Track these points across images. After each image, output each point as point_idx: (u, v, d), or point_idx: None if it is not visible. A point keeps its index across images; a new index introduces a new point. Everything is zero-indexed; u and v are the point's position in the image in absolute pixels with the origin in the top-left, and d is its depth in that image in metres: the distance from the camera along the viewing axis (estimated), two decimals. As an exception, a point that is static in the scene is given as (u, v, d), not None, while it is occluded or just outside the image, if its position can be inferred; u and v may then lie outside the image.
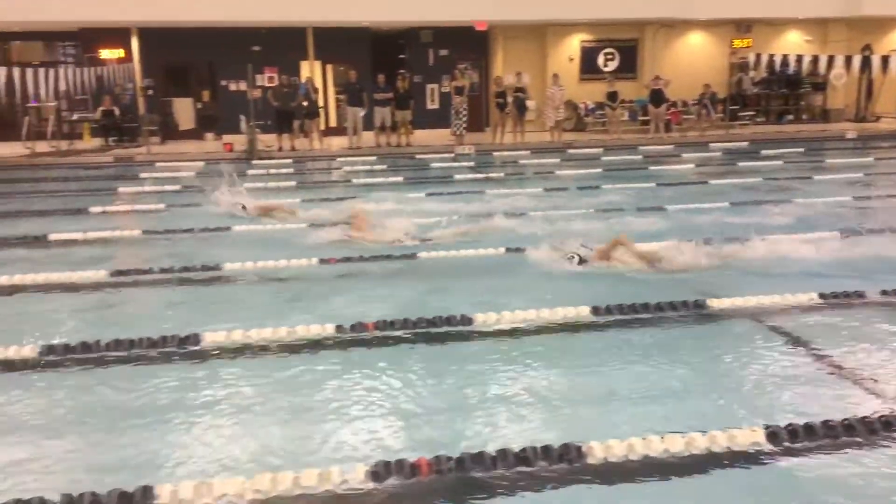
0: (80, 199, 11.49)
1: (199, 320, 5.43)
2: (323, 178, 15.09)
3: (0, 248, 8.09)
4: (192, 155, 17.26)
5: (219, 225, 8.96)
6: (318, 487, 3.14)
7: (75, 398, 4.31)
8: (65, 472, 3.44)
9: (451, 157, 16.67)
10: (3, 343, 4.89)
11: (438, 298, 5.95)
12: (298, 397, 4.23)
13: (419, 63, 22.13)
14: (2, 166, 15.90)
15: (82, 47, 20.68)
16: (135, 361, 4.76)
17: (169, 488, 3.07)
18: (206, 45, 19.93)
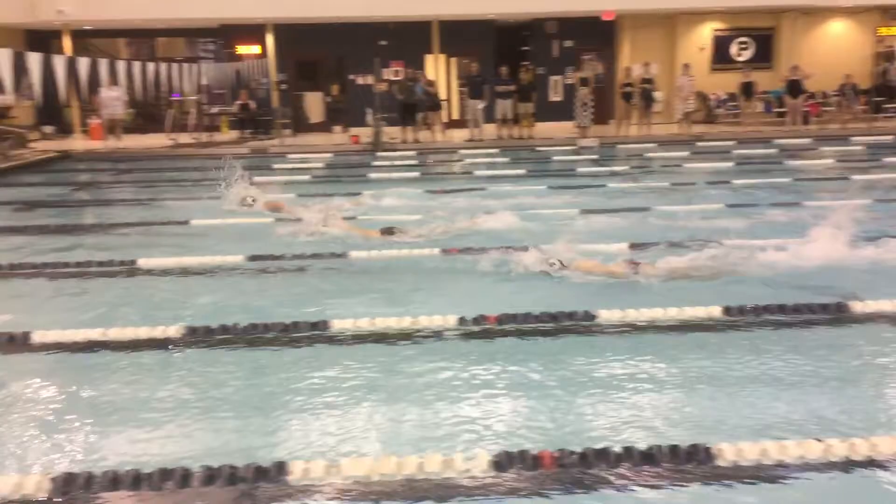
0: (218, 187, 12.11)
1: (328, 306, 5.63)
2: (444, 169, 15.26)
3: (147, 232, 8.61)
4: (321, 147, 17.85)
5: (346, 215, 9.21)
6: (441, 473, 3.20)
7: (215, 377, 4.55)
8: (205, 445, 3.65)
9: (574, 150, 16.49)
10: (150, 323, 5.22)
11: (559, 293, 5.91)
12: (421, 385, 4.31)
13: (543, 54, 21.98)
14: (148, 156, 16.95)
15: (222, 43, 21.77)
16: (268, 344, 4.99)
17: (301, 465, 3.21)
18: (335, 40, 20.54)
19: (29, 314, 5.83)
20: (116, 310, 5.81)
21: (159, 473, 3.14)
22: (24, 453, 3.65)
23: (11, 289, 6.53)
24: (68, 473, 3.17)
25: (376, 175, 13.43)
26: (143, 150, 17.64)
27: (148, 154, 17.22)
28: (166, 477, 3.13)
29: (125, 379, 4.58)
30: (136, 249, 7.49)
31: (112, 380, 4.57)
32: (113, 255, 7.16)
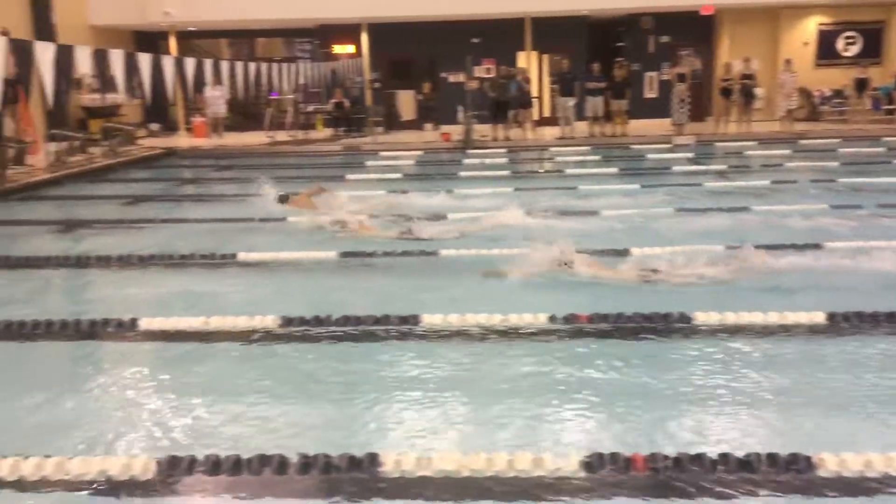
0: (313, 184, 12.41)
1: (418, 302, 5.70)
2: (535, 167, 15.18)
3: (245, 229, 8.87)
4: (413, 144, 18.03)
5: (438, 212, 9.29)
6: (531, 472, 3.20)
7: (309, 368, 4.68)
8: (301, 433, 3.75)
9: (669, 148, 16.12)
10: (249, 313, 5.39)
11: (653, 295, 5.80)
12: (511, 383, 4.31)
13: (638, 50, 21.58)
14: (247, 153, 17.51)
15: (318, 43, 22.28)
16: (360, 337, 5.08)
17: (393, 457, 3.26)
18: (428, 38, 20.71)
19: (136, 302, 6.13)
20: (217, 300, 6.04)
21: (258, 459, 3.25)
22: (130, 435, 3.84)
23: (120, 278, 6.87)
24: (172, 456, 3.31)
25: (466, 173, 13.48)
26: (243, 147, 18.24)
27: (247, 151, 17.80)
28: (265, 463, 3.24)
29: (223, 367, 4.76)
30: (236, 243, 7.75)
31: (211, 367, 4.76)
32: (215, 249, 7.44)
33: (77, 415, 4.09)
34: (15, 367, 4.85)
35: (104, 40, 17.68)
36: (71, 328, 5.24)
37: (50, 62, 9.82)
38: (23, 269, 7.14)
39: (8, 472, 3.25)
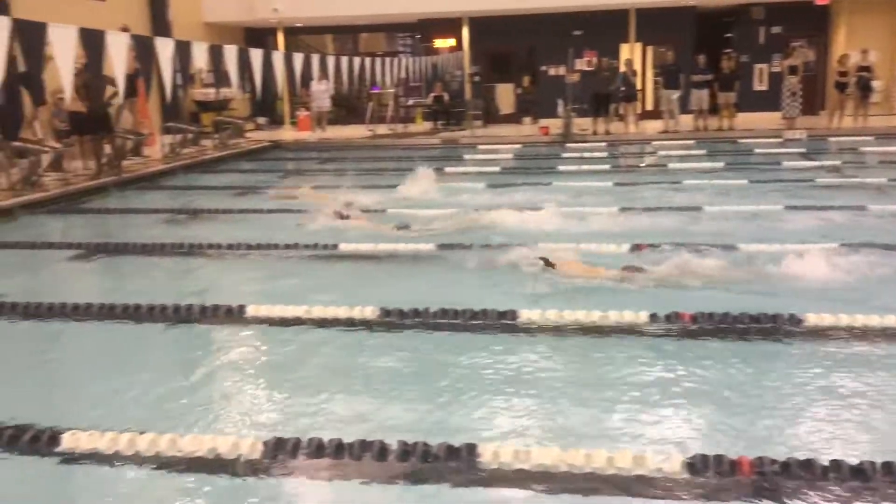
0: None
1: (515, 296, 5.68)
2: (636, 162, 14.88)
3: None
4: (511, 138, 17.98)
5: (534, 205, 9.23)
6: (631, 470, 3.15)
7: (407, 358, 4.74)
8: (399, 422, 3.81)
9: (779, 143, 15.50)
10: (348, 303, 5.51)
11: (760, 295, 5.60)
12: (610, 380, 4.25)
13: (747, 41, 20.80)
14: (349, 146, 17.87)
15: (420, 38, 22.48)
16: (458, 329, 5.11)
17: (491, 449, 3.27)
18: (528, 31, 20.58)
19: (243, 289, 6.36)
20: (318, 289, 6.20)
21: (359, 445, 3.33)
22: (238, 416, 4.00)
23: (229, 266, 7.14)
24: (278, 438, 3.43)
25: (565, 167, 13.35)
26: (345, 140, 18.63)
27: (348, 144, 18.16)
28: (365, 449, 3.31)
29: (324, 354, 4.88)
30: (336, 233, 7.91)
31: (312, 354, 4.89)
32: (317, 239, 7.62)
33: (189, 395, 4.28)
34: (132, 348, 5.11)
35: (216, 36, 18.39)
36: (182, 312, 5.49)
37: (169, 57, 10.28)
38: (140, 256, 7.51)
39: (125, 446, 3.44)
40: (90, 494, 3.34)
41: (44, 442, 3.50)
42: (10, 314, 5.60)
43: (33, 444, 3.50)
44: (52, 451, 3.46)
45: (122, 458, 3.41)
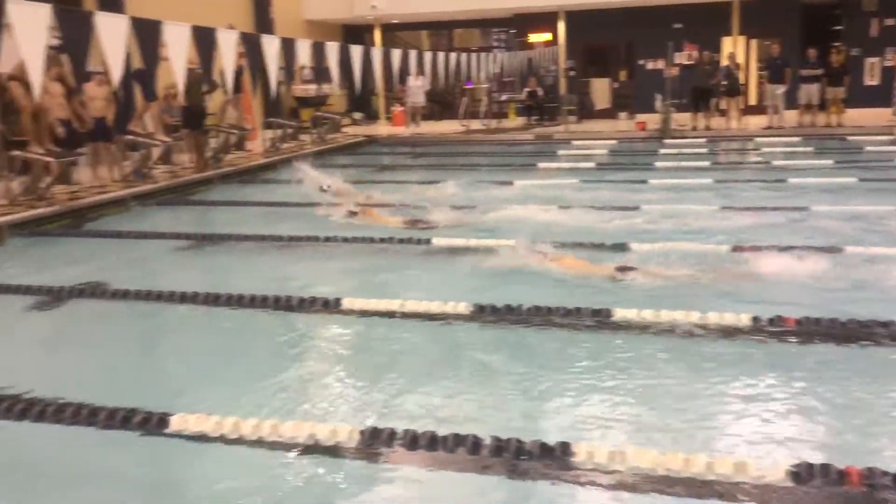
0: (505, 172, 12.56)
1: (612, 295, 5.61)
2: (738, 159, 14.42)
3: (441, 213, 9.11)
4: (606, 134, 17.72)
5: (626, 204, 9.07)
6: (732, 477, 3.07)
7: (499, 354, 4.75)
8: (492, 417, 3.83)
9: (892, 140, 14.72)
10: (442, 298, 5.54)
11: (865, 299, 5.34)
12: (709, 383, 4.15)
13: (858, 34, 19.83)
14: (442, 141, 17.99)
15: (514, 32, 22.41)
16: (551, 327, 5.09)
17: (585, 448, 3.25)
18: (626, 25, 20.23)
19: (339, 281, 6.50)
20: (411, 282, 6.28)
21: (453, 438, 3.36)
22: (335, 405, 4.10)
23: (325, 258, 7.29)
24: (374, 428, 3.50)
25: (662, 164, 13.06)
26: (438, 135, 18.76)
27: (442, 139, 18.29)
28: (459, 443, 3.34)
29: (417, 348, 4.95)
30: (431, 229, 7.99)
31: (405, 348, 4.97)
32: (411, 234, 7.71)
33: (288, 383, 4.42)
34: (234, 336, 5.31)
35: (316, 33, 18.82)
36: (283, 303, 5.65)
37: (274, 54, 10.60)
38: (242, 246, 7.77)
39: (230, 429, 3.58)
40: (196, 475, 3.49)
41: (153, 423, 3.67)
42: (121, 300, 5.90)
43: (144, 425, 3.68)
44: (162, 432, 3.64)
45: (226, 441, 3.55)
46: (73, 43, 7.79)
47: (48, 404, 3.88)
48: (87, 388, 4.18)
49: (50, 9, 7.50)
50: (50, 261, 7.50)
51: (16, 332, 5.66)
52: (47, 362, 5.04)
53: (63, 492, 3.37)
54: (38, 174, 9.44)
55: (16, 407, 3.86)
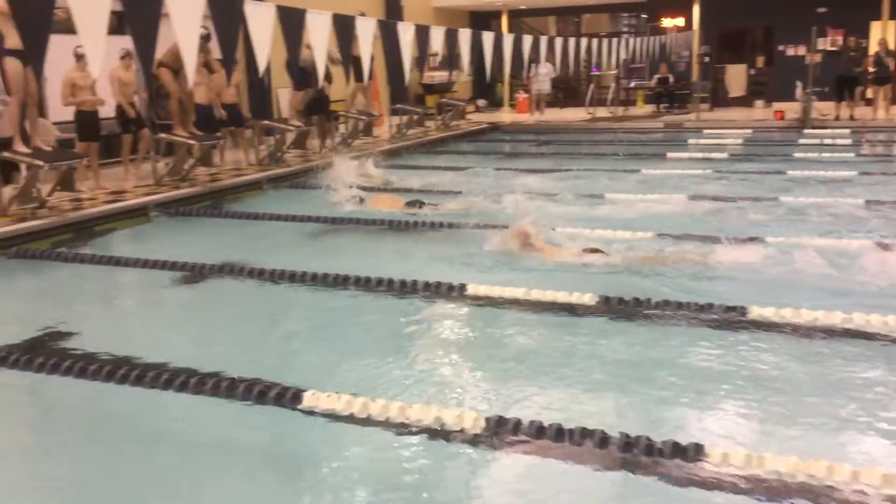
0: (632, 162, 12.26)
1: (749, 293, 5.37)
2: (885, 151, 13.50)
3: (560, 201, 8.97)
4: (740, 123, 16.99)
5: (763, 195, 8.65)
6: (880, 489, 2.88)
7: (627, 348, 4.64)
8: (619, 413, 3.75)
9: None
10: (567, 289, 5.48)
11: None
12: (851, 388, 3.92)
13: None
14: (567, 129, 17.75)
15: (646, 17, 21.79)
16: (681, 322, 4.93)
17: (720, 451, 3.13)
18: (766, 9, 19.29)
19: (463, 268, 6.49)
20: (536, 272, 6.22)
21: (580, 432, 3.31)
22: (459, 390, 4.13)
23: (451, 243, 7.29)
24: (500, 416, 3.49)
25: (802, 154, 12.39)
26: (563, 123, 18.53)
27: (567, 127, 18.04)
28: (586, 436, 3.29)
29: (542, 336, 4.92)
30: (552, 218, 7.87)
31: (531, 336, 4.95)
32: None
33: (413, 366, 4.49)
34: (363, 317, 5.43)
35: (444, 20, 18.94)
36: (408, 287, 5.74)
37: (409, 42, 10.75)
38: (368, 230, 7.91)
39: (359, 409, 3.66)
40: (326, 451, 3.59)
41: (288, 399, 3.81)
42: (256, 279, 6.15)
43: (278, 399, 3.82)
44: (295, 407, 3.77)
45: (355, 420, 3.64)
46: (224, 31, 8.14)
47: (190, 375, 4.10)
48: (225, 362, 4.39)
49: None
50: (191, 239, 7.92)
51: (161, 306, 6.01)
52: (189, 335, 5.33)
53: (199, 460, 3.54)
54: (181, 156, 9.97)
55: (161, 377, 4.09)
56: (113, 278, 6.67)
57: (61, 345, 4.87)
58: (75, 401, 4.17)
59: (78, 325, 5.27)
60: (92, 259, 6.78)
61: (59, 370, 4.27)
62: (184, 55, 7.59)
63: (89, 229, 7.93)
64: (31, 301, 6.30)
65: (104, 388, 4.14)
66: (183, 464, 3.49)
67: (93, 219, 8.06)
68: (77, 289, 6.47)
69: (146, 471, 3.42)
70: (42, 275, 6.70)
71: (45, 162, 7.85)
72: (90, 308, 6.13)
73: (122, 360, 4.41)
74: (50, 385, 4.30)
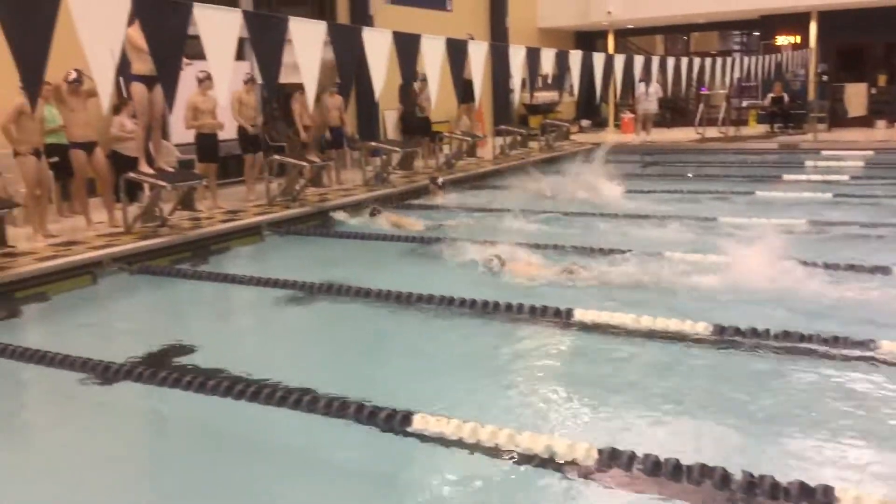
0: (745, 184, 11.83)
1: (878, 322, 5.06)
2: None
3: (679, 226, 8.72)
4: (861, 143, 16.16)
5: (890, 221, 8.17)
6: None
7: (744, 382, 4.43)
8: (738, 450, 3.58)
9: None
10: (680, 317, 5.30)
11: None
12: None
13: None
14: (674, 150, 17.31)
15: (759, 35, 21.10)
16: (801, 355, 4.68)
17: (852, 494, 2.93)
18: (888, 25, 18.34)
19: (568, 292, 6.39)
20: (646, 299, 6.05)
21: (699, 469, 3.17)
22: (567, 419, 4.04)
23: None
24: (613, 448, 3.39)
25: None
26: (670, 143, 18.09)
27: (674, 147, 17.61)
28: (706, 474, 3.14)
29: (651, 367, 4.75)
30: (661, 244, 7.68)
31: (639, 366, 4.80)
32: (643, 246, 7.47)
33: (519, 391, 4.45)
34: (468, 340, 5.42)
35: (549, 40, 18.93)
36: (514, 310, 5.68)
37: (519, 64, 10.79)
38: (473, 249, 7.85)
39: (468, 434, 3.63)
40: (433, 474, 3.57)
41: (397, 421, 3.82)
42: (363, 299, 6.23)
43: (388, 421, 3.84)
44: (404, 430, 3.77)
45: (464, 445, 3.61)
46: (343, 57, 8.41)
47: (304, 393, 4.17)
48: (334, 381, 4.45)
49: (325, 25, 8.15)
50: (301, 257, 8.13)
51: (273, 323, 6.17)
52: (299, 353, 5.45)
53: (305, 475, 3.60)
54: (293, 177, 10.28)
55: (275, 394, 4.18)
56: (228, 295, 6.91)
57: (179, 359, 5.06)
58: (191, 414, 4.32)
59: (195, 339, 5.48)
60: (209, 276, 7.05)
61: (180, 384, 4.43)
62: (305, 80, 7.85)
63: (206, 247, 8.26)
64: (153, 315, 6.59)
65: (220, 402, 4.27)
66: (289, 480, 3.55)
67: (210, 237, 8.40)
68: (194, 305, 6.74)
69: (253, 485, 3.50)
70: (162, 290, 7.01)
71: (168, 182, 8.25)
72: (206, 324, 6.37)
73: (237, 377, 4.54)
74: (168, 397, 4.46)
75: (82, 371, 4.76)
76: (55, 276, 6.79)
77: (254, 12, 9.04)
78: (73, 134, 8.41)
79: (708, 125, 19.22)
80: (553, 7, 21.11)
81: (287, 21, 7.64)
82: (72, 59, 7.33)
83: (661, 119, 20.97)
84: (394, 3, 15.70)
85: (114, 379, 4.65)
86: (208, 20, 6.93)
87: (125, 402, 4.56)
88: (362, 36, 8.46)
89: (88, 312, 6.55)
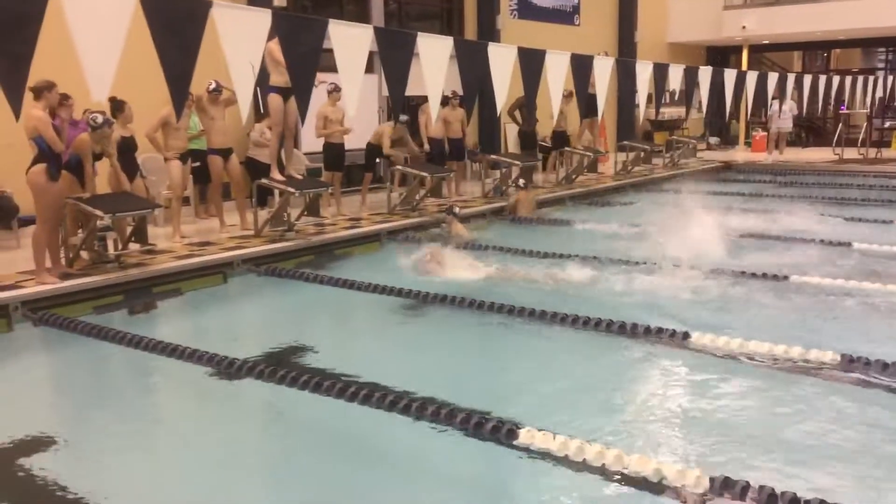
0: (886, 209, 11.16)
1: None
2: None
3: (804, 249, 8.35)
4: None
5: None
6: None
7: (872, 419, 4.20)
8: (857, 490, 3.39)
9: None
10: (804, 344, 5.07)
11: None
12: None
13: None
14: (809, 171, 16.50)
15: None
16: None
17: None
18: None
19: (690, 313, 6.19)
20: (766, 322, 5.83)
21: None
22: (676, 444, 3.94)
23: (668, 283, 6.97)
24: (726, 478, 3.28)
25: None
26: (805, 164, 17.26)
27: (809, 168, 16.78)
28: (822, 511, 3.01)
29: (762, 396, 4.58)
30: (789, 266, 7.36)
31: (754, 390, 4.64)
32: (767, 269, 7.19)
33: (628, 412, 4.39)
34: (576, 356, 5.38)
35: (679, 56, 18.52)
36: (627, 329, 5.58)
37: (646, 80, 10.70)
38: (591, 264, 7.75)
39: (574, 452, 3.61)
40: (537, 490, 3.57)
41: (503, 433, 3.84)
42: (475, 311, 6.28)
43: (494, 432, 3.87)
44: (510, 443, 3.79)
45: (569, 463, 3.59)
46: (468, 71, 8.61)
47: (412, 399, 4.26)
48: (443, 389, 4.52)
49: (452, 40, 8.38)
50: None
51: (388, 329, 6.32)
52: (411, 360, 5.55)
53: (407, 480, 3.68)
54: (414, 187, 10.49)
55: (386, 399, 4.29)
56: (347, 300, 7.13)
57: (297, 359, 5.28)
58: (306, 412, 4.50)
59: (313, 341, 5.71)
60: (330, 281, 7.30)
61: (297, 384, 4.62)
62: (429, 93, 8.07)
63: (329, 252, 8.56)
64: (275, 316, 6.90)
65: (333, 403, 4.42)
66: (391, 483, 3.65)
67: (333, 243, 8.71)
68: (314, 307, 7.01)
69: (358, 485, 3.62)
70: (286, 292, 7.32)
71: (297, 189, 8.62)
72: (324, 326, 6.61)
73: (352, 379, 4.69)
74: (285, 395, 4.65)
75: (209, 365, 5.04)
76: (189, 274, 7.24)
77: (384, 28, 9.35)
78: (211, 140, 8.93)
79: (847, 146, 18.22)
80: (684, 22, 20.63)
81: (416, 37, 7.87)
82: (212, 71, 7.81)
83: (795, 138, 20.06)
84: (521, 17, 15.79)
85: (236, 375, 4.90)
86: (342, 35, 7.24)
87: (246, 396, 4.80)
88: (487, 51, 8.60)
89: (217, 309, 6.94)
